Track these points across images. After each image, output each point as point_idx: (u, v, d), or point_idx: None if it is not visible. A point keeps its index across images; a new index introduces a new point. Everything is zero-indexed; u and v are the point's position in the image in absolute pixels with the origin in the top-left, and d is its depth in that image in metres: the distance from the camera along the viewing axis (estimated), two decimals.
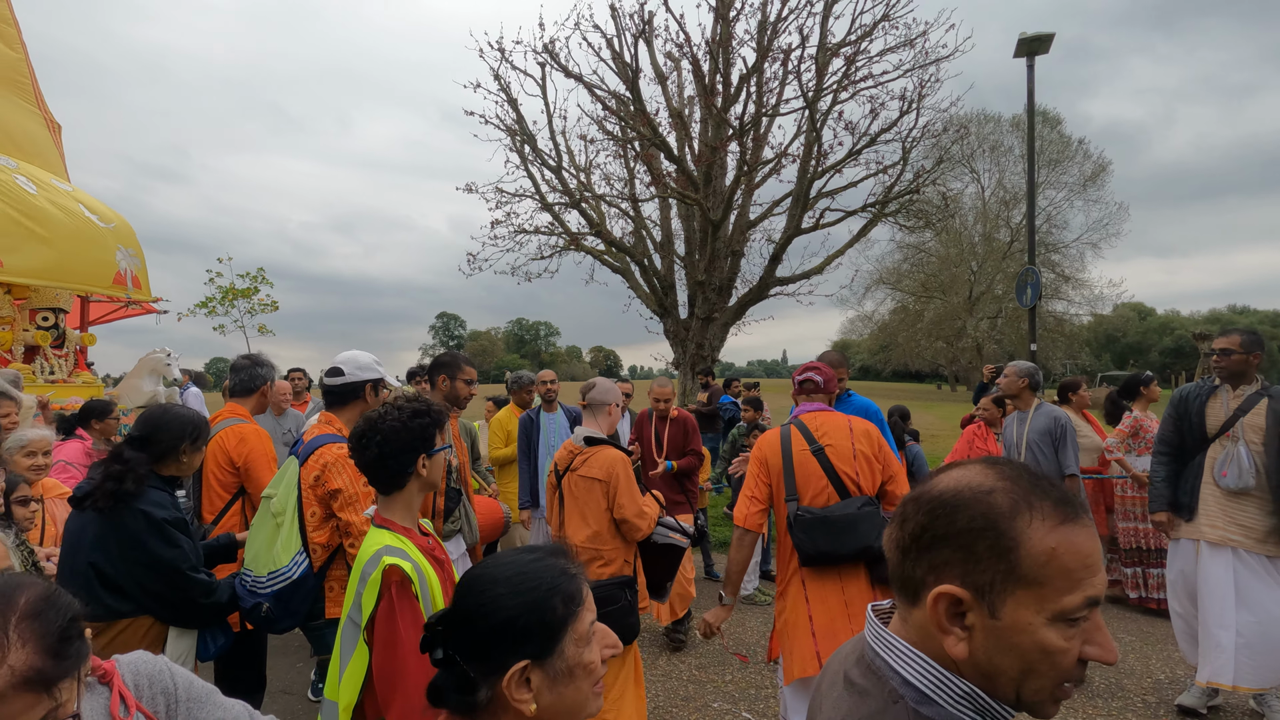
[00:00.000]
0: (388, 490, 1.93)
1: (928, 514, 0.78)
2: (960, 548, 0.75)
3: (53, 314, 8.94)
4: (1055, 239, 37.72)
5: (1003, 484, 0.77)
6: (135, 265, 9.51)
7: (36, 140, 9.13)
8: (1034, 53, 7.49)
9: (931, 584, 0.77)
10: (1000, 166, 38.31)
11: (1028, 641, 0.74)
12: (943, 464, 4.74)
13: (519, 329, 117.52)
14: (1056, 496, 0.77)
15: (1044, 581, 0.74)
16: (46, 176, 8.69)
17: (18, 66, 9.10)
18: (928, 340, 39.11)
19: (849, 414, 3.82)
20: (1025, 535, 0.74)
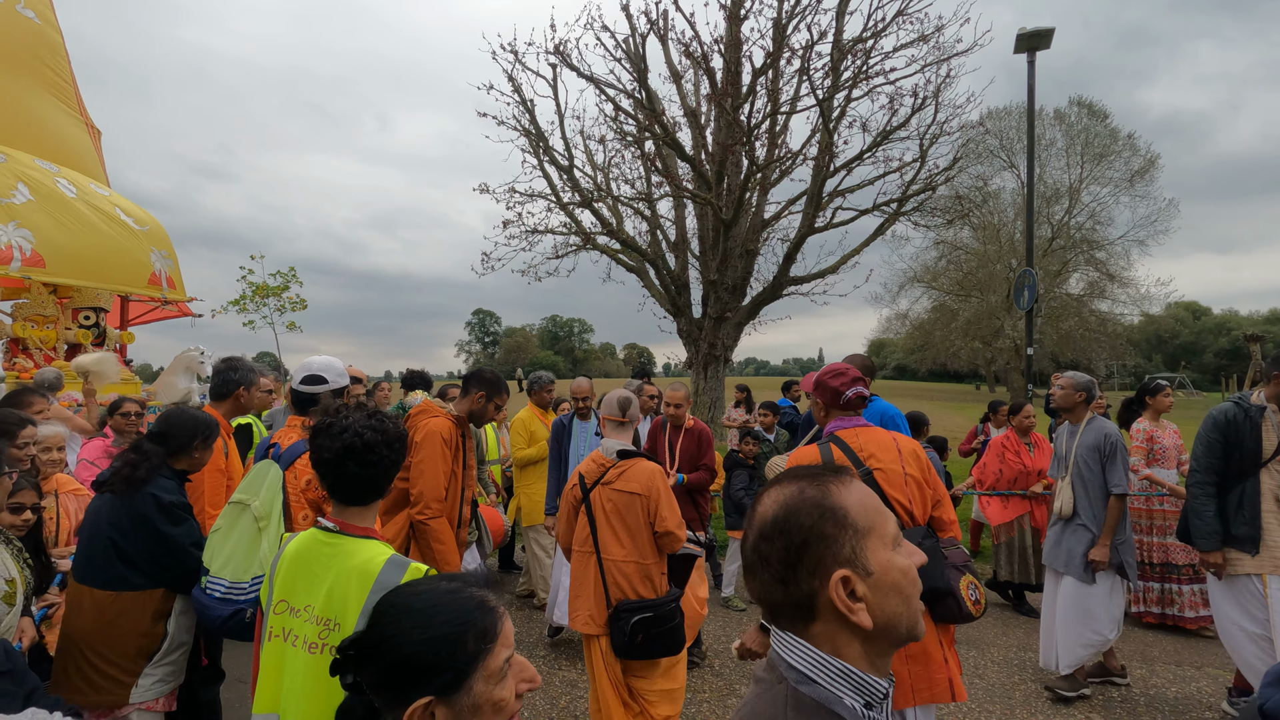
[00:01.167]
0: (368, 500, 1.86)
1: (781, 535, 0.88)
2: (819, 539, 0.86)
3: (94, 313, 9.34)
4: (1100, 236, 36.49)
5: (801, 482, 0.92)
6: (169, 266, 9.90)
7: (77, 145, 9.55)
8: (1034, 48, 7.28)
9: (820, 586, 0.86)
10: (1040, 160, 37.16)
11: (895, 574, 0.88)
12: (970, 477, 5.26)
13: (553, 326, 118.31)
14: (832, 468, 0.96)
15: (873, 524, 0.89)
16: (86, 181, 9.09)
17: (62, 73, 9.54)
18: (963, 340, 38.20)
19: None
20: (843, 501, 0.89)
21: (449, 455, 3.25)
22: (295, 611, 1.74)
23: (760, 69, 8.51)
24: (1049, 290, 36.08)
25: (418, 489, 3.18)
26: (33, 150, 8.47)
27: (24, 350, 8.30)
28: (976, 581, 2.55)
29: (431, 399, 3.59)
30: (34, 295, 8.51)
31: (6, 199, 7.45)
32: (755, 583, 0.93)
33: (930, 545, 2.49)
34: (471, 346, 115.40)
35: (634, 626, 2.89)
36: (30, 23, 9.05)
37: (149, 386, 9.54)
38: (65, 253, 7.83)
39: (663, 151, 9.75)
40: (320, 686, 1.66)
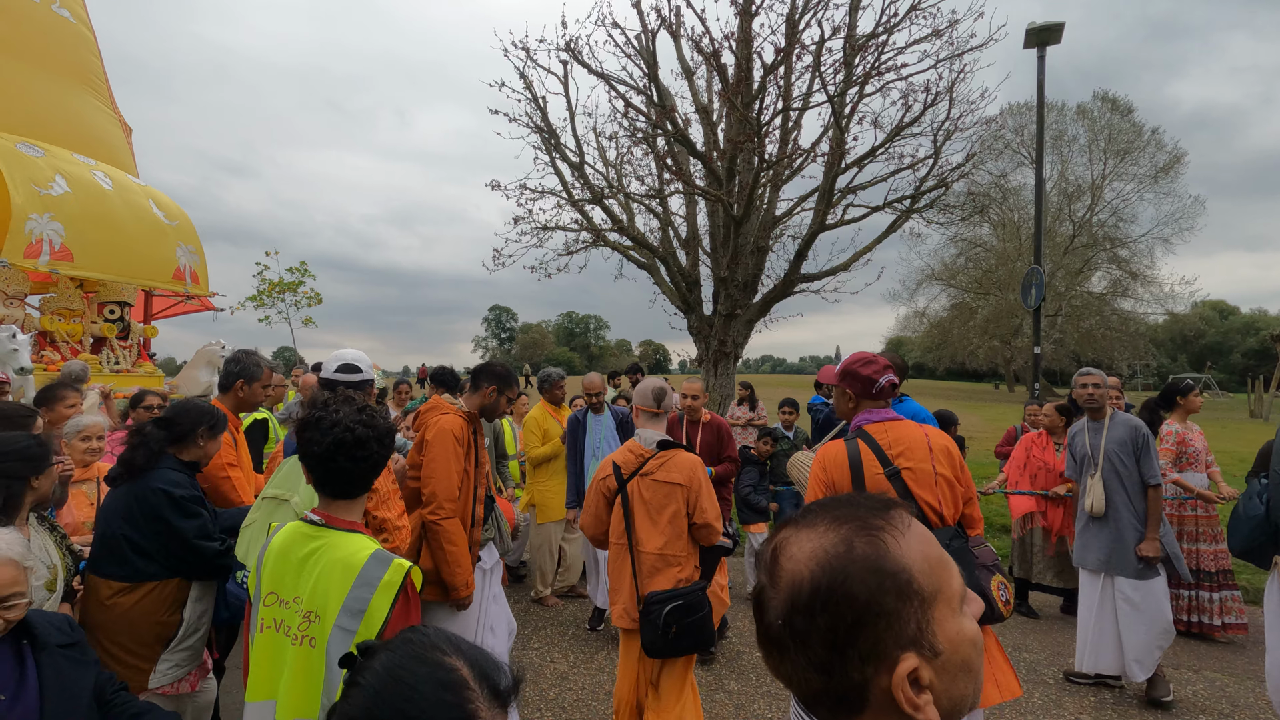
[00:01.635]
0: (354, 494, 1.87)
1: (826, 611, 0.68)
2: (877, 617, 0.67)
3: (119, 307, 9.55)
4: (1123, 234, 35.96)
5: (845, 528, 0.71)
6: (195, 261, 10.10)
7: (112, 140, 9.79)
8: (1044, 43, 7.17)
9: (875, 674, 0.67)
10: (1063, 157, 36.66)
11: (966, 648, 0.71)
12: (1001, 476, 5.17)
13: (569, 322, 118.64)
14: (878, 502, 0.75)
15: (939, 583, 0.71)
16: (122, 174, 9.32)
17: (96, 70, 9.78)
18: (981, 338, 37.83)
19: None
20: (905, 559, 0.69)
21: (461, 453, 3.18)
22: (285, 604, 1.76)
23: (771, 65, 8.50)
24: (1070, 289, 35.61)
25: (430, 489, 3.10)
26: (71, 145, 8.70)
27: (51, 343, 8.53)
28: (1006, 581, 2.48)
29: (441, 396, 3.50)
30: (61, 289, 8.74)
31: (45, 190, 7.67)
32: (784, 664, 0.72)
33: (959, 546, 2.41)
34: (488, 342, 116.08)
35: (667, 616, 2.82)
36: (65, 21, 9.29)
37: (171, 380, 9.77)
38: (92, 247, 8.04)
39: (674, 149, 9.78)
40: (303, 677, 1.67)
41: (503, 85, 9.73)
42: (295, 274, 15.69)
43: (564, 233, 10.37)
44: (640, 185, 10.32)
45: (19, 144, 7.86)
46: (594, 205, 10.12)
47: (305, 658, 1.68)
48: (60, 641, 1.83)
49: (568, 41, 9.07)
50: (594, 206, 10.16)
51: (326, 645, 1.66)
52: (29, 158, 7.77)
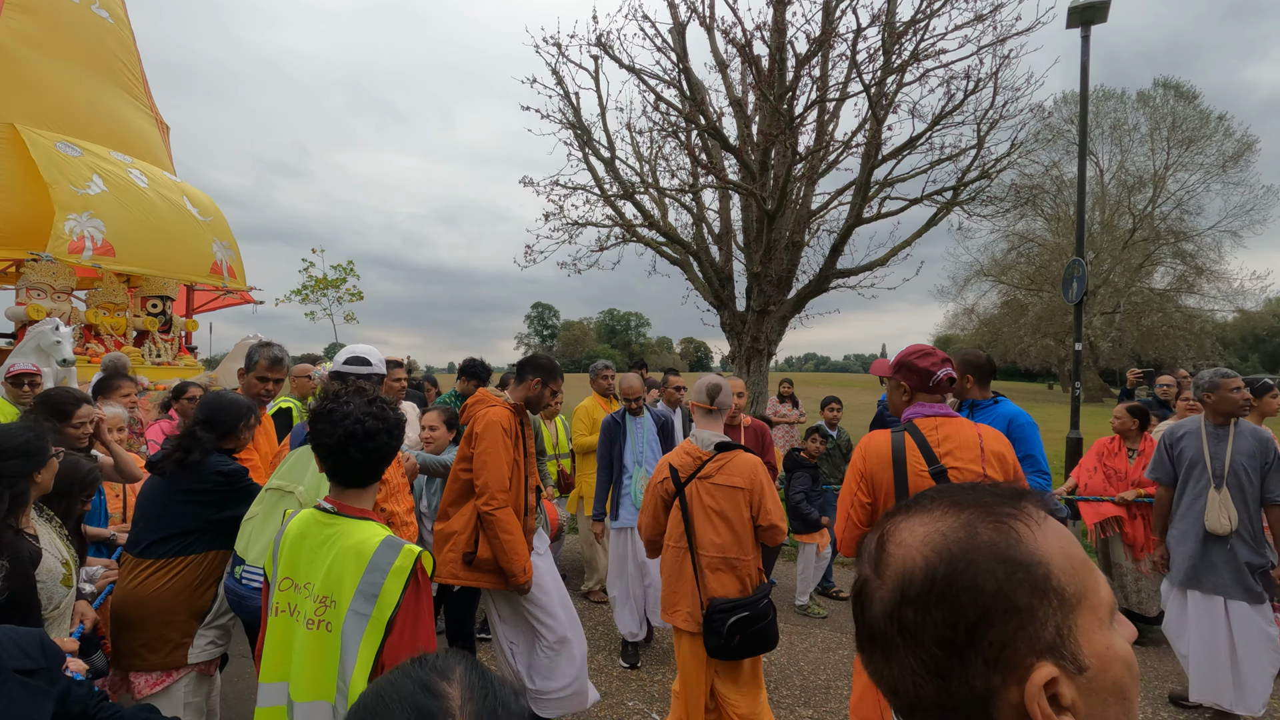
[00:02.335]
0: (365, 483, 1.92)
1: (945, 603, 0.58)
2: (1007, 614, 0.57)
3: (161, 301, 9.82)
4: (1188, 226, 34.15)
5: (967, 513, 0.62)
6: (230, 256, 10.34)
7: (147, 138, 10.06)
8: (1088, 22, 6.68)
9: (1002, 684, 0.57)
10: (1123, 147, 35.02)
11: (1118, 667, 0.59)
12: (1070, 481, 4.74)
13: (610, 319, 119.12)
14: (1006, 490, 0.65)
15: (1084, 587, 0.59)
16: (157, 172, 9.58)
17: (133, 69, 10.06)
18: (1033, 336, 36.41)
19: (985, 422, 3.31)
20: (1041, 551, 0.59)
21: (510, 444, 3.26)
22: (298, 588, 1.82)
23: (805, 56, 8.21)
24: (1130, 284, 34.06)
25: (482, 480, 3.19)
26: (108, 143, 8.97)
27: (96, 336, 8.81)
28: None
29: (488, 389, 3.58)
30: (106, 284, 9.01)
31: (83, 190, 7.90)
32: (889, 667, 0.62)
33: None
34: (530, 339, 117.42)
35: (731, 628, 2.83)
36: (104, 21, 9.57)
37: (211, 373, 10.00)
38: (133, 242, 8.27)
39: (707, 143, 9.56)
40: (318, 660, 1.73)
41: (534, 82, 9.67)
42: (339, 271, 16.07)
43: (596, 229, 10.27)
44: (673, 180, 10.16)
45: (58, 143, 8.09)
46: (626, 201, 9.97)
47: (320, 641, 1.73)
48: (20, 666, 1.68)
49: (598, 36, 8.94)
50: (625, 202, 10.01)
51: (341, 629, 1.71)
52: (67, 157, 7.99)
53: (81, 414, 3.30)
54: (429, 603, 1.81)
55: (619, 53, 8.95)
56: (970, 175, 8.88)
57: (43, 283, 7.95)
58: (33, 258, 7.53)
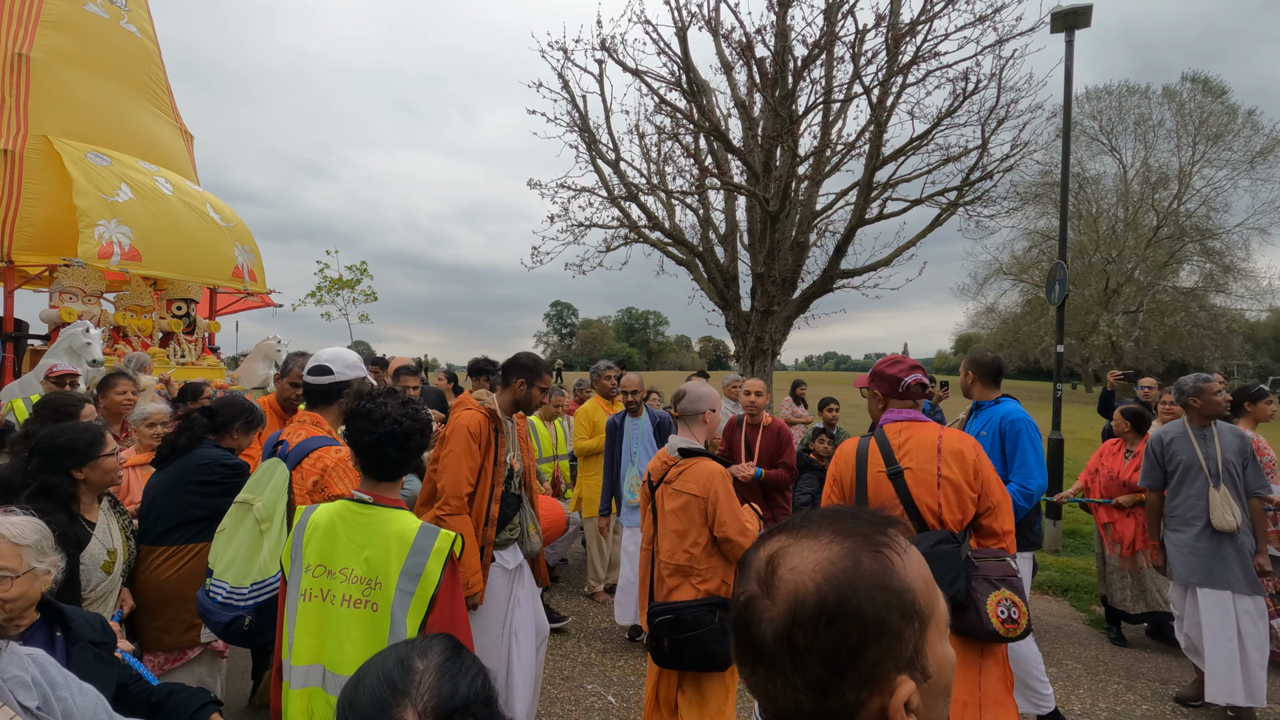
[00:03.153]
0: (398, 477, 2.06)
1: (831, 626, 0.64)
2: (882, 637, 0.64)
3: (185, 304, 10.19)
4: (1214, 224, 33.45)
5: (850, 541, 0.68)
6: (251, 260, 10.69)
7: (172, 147, 10.46)
8: (1071, 27, 6.67)
9: (869, 697, 0.64)
10: (1146, 143, 34.41)
11: (949, 670, 0.69)
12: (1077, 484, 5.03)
13: (628, 318, 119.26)
14: (879, 518, 0.72)
15: (933, 605, 0.68)
16: (182, 180, 9.96)
17: (159, 82, 10.45)
18: (1051, 336, 35.92)
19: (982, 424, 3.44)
20: (908, 578, 0.67)
21: (476, 450, 3.13)
22: (332, 574, 1.93)
23: (806, 59, 8.29)
24: (1153, 283, 33.48)
25: (440, 484, 3.09)
26: (136, 153, 9.35)
27: (124, 337, 9.18)
28: (1016, 599, 2.36)
29: (473, 392, 3.48)
30: (134, 287, 9.38)
31: (111, 197, 8.25)
32: (772, 682, 0.67)
33: (945, 550, 2.34)
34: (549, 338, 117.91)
35: (656, 628, 2.79)
36: (132, 37, 9.96)
37: (233, 372, 10.33)
38: (159, 247, 8.63)
39: (711, 145, 9.67)
40: (364, 637, 1.87)
41: (540, 85, 9.86)
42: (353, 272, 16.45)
43: (603, 230, 10.44)
44: (682, 181, 10.27)
45: (89, 153, 8.45)
46: (630, 202, 10.12)
47: (367, 620, 1.87)
48: (93, 639, 1.96)
49: (602, 40, 9.11)
50: (631, 203, 10.16)
51: (390, 608, 1.86)
52: (97, 167, 8.36)
53: (85, 413, 3.45)
54: (459, 582, 1.98)
55: (623, 56, 9.10)
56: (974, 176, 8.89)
57: (74, 286, 8.30)
58: (65, 263, 7.88)
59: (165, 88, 10.65)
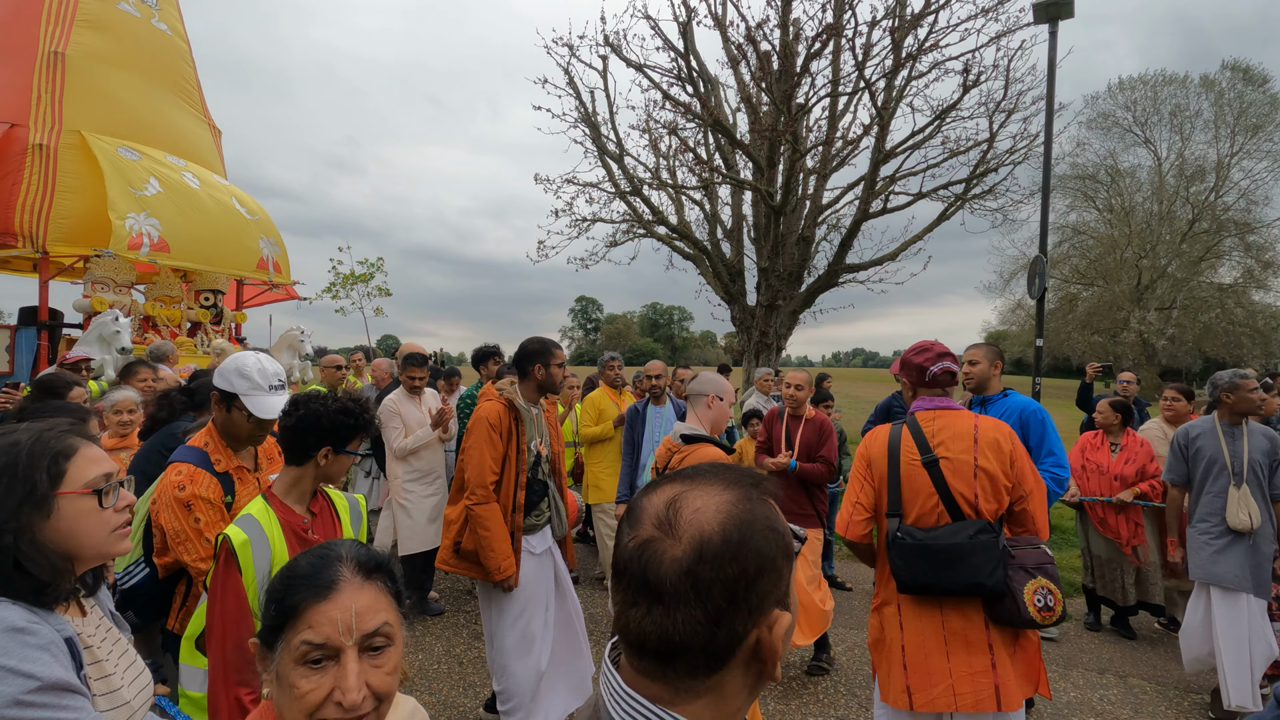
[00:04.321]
0: (289, 462, 2.05)
1: (735, 562, 0.69)
2: (770, 573, 0.71)
3: (212, 294, 10.57)
4: (1254, 217, 32.35)
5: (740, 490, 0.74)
6: (276, 252, 11.03)
7: (201, 142, 10.83)
8: (1055, 18, 6.55)
9: (752, 627, 0.70)
10: (1183, 135, 33.43)
11: (796, 608, 0.77)
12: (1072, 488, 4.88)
13: (653, 313, 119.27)
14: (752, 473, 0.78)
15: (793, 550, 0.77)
16: (209, 174, 10.32)
17: (189, 79, 10.82)
18: (1080, 333, 35.09)
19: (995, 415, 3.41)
20: (783, 522, 0.76)
21: (498, 440, 3.24)
22: None
23: (809, 54, 8.31)
24: (1188, 278, 32.54)
25: (467, 475, 3.23)
26: (165, 147, 9.72)
27: (154, 327, 9.55)
28: (1053, 587, 2.35)
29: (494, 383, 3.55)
30: (163, 278, 9.77)
31: (140, 191, 8.60)
32: (671, 617, 0.69)
33: (984, 540, 2.34)
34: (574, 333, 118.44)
35: None
36: (163, 34, 10.33)
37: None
38: (187, 239, 8.98)
39: (718, 139, 9.74)
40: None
41: (545, 82, 10.01)
42: (365, 266, 16.82)
43: (609, 224, 10.57)
44: (691, 177, 10.34)
45: (119, 148, 8.82)
46: (635, 197, 10.23)
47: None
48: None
49: (606, 36, 9.22)
50: (636, 198, 10.27)
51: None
52: (127, 161, 8.72)
53: (74, 395, 3.55)
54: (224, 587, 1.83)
55: (627, 52, 9.20)
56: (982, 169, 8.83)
57: (106, 277, 8.67)
58: (96, 253, 8.24)
59: (194, 84, 11.01)
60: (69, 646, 1.13)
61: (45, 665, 1.05)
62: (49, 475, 1.24)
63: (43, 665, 1.04)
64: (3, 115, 8.56)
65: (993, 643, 2.38)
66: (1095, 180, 35.56)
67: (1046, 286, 6.65)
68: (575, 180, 10.52)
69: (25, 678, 1.02)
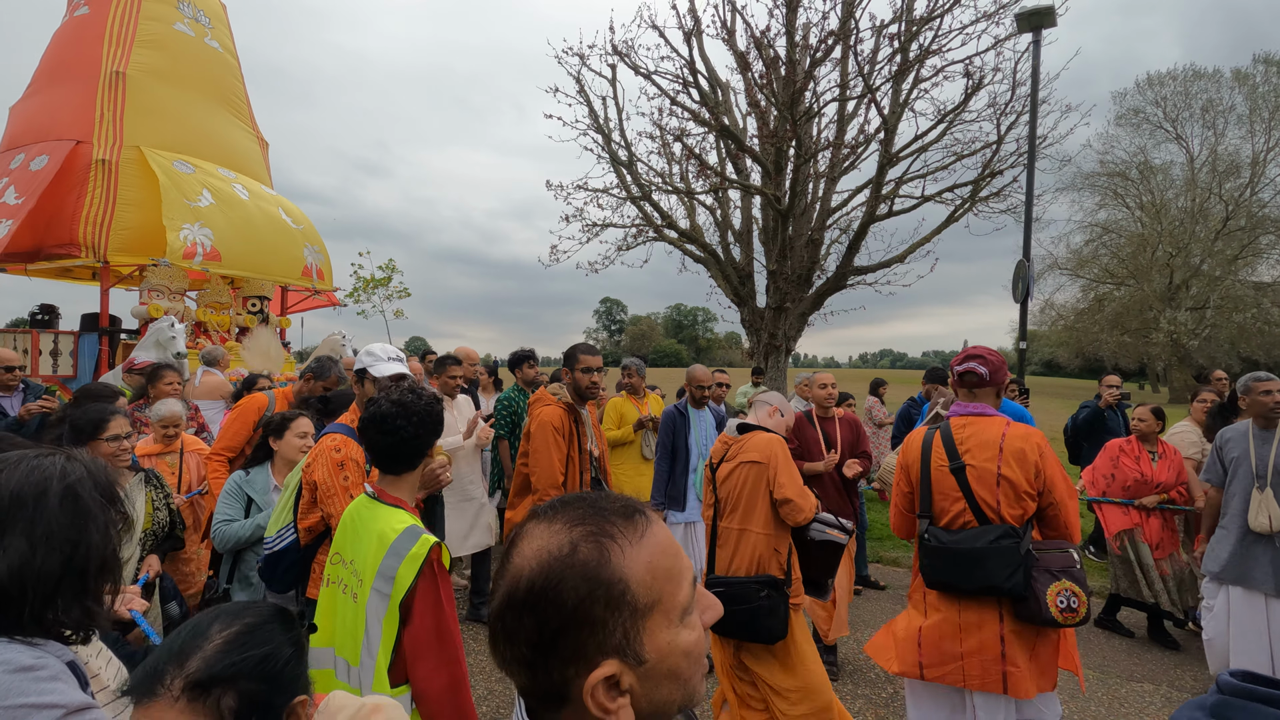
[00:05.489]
0: (400, 470, 2.06)
1: (533, 612, 0.69)
2: (583, 625, 0.68)
3: (259, 300, 11.15)
4: None
5: (577, 531, 0.71)
6: (320, 260, 11.63)
7: (250, 155, 11.47)
8: (1038, 27, 6.66)
9: (575, 675, 0.69)
10: (1216, 130, 32.80)
11: (676, 658, 0.72)
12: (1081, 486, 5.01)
13: (677, 314, 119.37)
14: (620, 507, 0.75)
15: (659, 596, 0.72)
16: (257, 185, 10.95)
17: (239, 94, 11.47)
18: (1109, 333, 34.51)
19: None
20: (625, 570, 0.70)
21: (562, 442, 3.39)
22: (345, 564, 2.03)
23: (814, 61, 8.56)
24: (1225, 276, 31.87)
25: (535, 477, 3.36)
26: (216, 160, 10.34)
27: (204, 332, 10.16)
28: (1076, 589, 2.43)
29: (546, 387, 3.73)
30: (213, 285, 10.38)
31: (194, 202, 9.21)
32: (497, 655, 0.74)
33: (1005, 546, 2.45)
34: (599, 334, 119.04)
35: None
36: (215, 52, 10.99)
37: (301, 365, 11.23)
38: (237, 248, 9.56)
39: (727, 144, 10.00)
40: (350, 627, 1.96)
41: (557, 91, 10.39)
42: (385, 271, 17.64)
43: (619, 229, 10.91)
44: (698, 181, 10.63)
45: (175, 162, 9.47)
46: (644, 201, 10.55)
47: (354, 613, 1.95)
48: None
49: (614, 45, 9.56)
50: (645, 202, 10.59)
51: (366, 604, 1.89)
52: (182, 174, 9.36)
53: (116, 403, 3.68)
54: (449, 594, 1.90)
55: (636, 60, 9.50)
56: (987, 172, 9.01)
57: (161, 285, 9.28)
58: (153, 262, 8.84)
59: (244, 98, 11.60)
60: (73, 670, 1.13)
61: (63, 693, 1.06)
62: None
63: (61, 694, 1.05)
64: (69, 133, 9.20)
65: (1005, 635, 2.50)
66: (1125, 178, 35.05)
67: (1031, 293, 6.78)
68: (586, 186, 10.88)
69: (50, 709, 1.02)
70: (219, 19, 11.30)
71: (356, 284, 17.61)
